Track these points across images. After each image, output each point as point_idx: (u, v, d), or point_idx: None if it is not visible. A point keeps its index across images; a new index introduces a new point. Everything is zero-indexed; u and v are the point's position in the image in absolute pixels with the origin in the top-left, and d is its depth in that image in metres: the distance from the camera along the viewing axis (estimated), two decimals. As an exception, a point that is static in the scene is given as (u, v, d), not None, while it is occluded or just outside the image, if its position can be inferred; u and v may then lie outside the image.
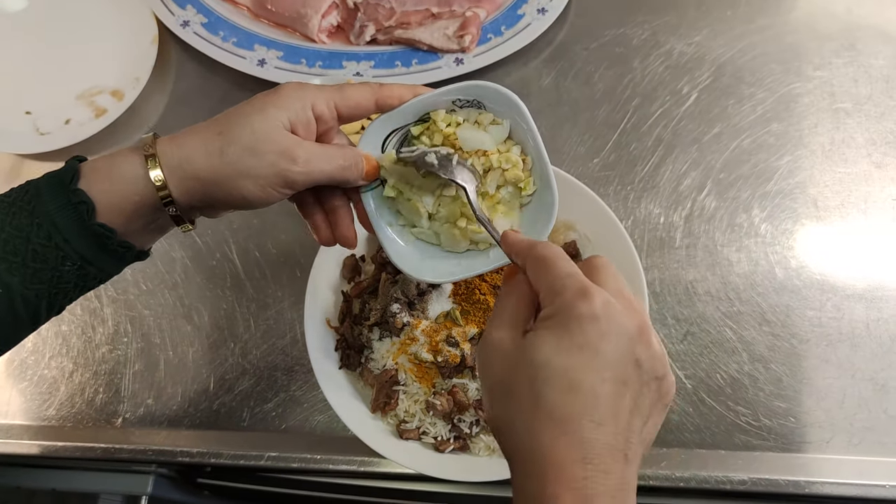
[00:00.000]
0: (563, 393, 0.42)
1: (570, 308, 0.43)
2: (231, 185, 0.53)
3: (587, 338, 0.42)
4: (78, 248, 0.51)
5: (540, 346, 0.43)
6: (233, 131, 0.52)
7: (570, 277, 0.44)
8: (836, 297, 0.82)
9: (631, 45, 0.96)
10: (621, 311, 0.43)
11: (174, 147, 0.52)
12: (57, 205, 0.50)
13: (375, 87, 0.56)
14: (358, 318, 0.76)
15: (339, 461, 0.78)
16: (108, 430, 0.82)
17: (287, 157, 0.52)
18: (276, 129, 0.52)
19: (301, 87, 0.54)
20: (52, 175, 0.52)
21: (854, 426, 0.77)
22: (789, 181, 0.87)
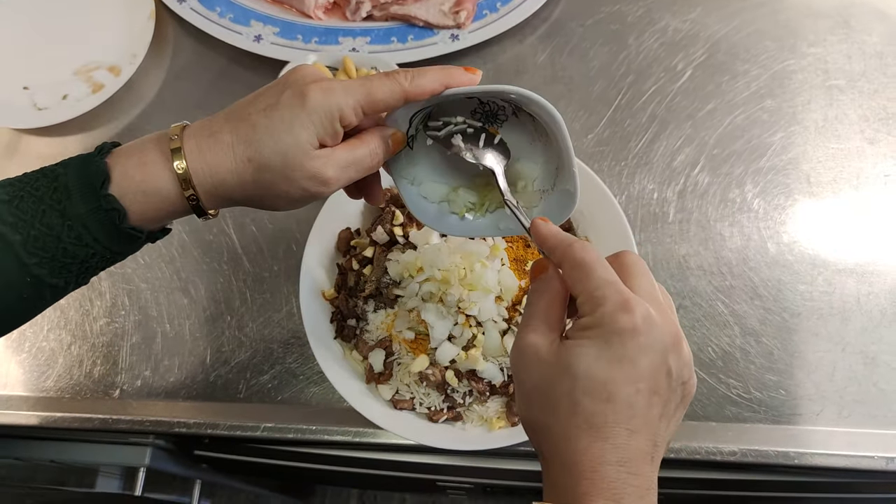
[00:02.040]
0: (601, 403, 0.43)
1: (612, 321, 0.44)
2: (263, 202, 0.54)
3: (627, 351, 0.43)
4: (108, 245, 0.52)
5: (581, 356, 0.44)
6: (263, 156, 0.51)
7: (610, 286, 0.45)
8: (827, 272, 0.82)
9: (626, 22, 0.97)
10: (659, 325, 0.44)
11: (205, 166, 0.51)
12: (88, 209, 0.50)
13: (404, 82, 0.52)
14: (353, 290, 0.77)
15: (335, 432, 0.79)
16: (105, 402, 0.83)
17: (318, 180, 0.52)
18: (304, 154, 0.51)
19: (327, 95, 0.51)
20: (81, 172, 0.51)
21: (844, 399, 0.77)
22: (782, 157, 0.88)
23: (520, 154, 0.59)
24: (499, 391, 0.72)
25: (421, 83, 0.52)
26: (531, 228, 0.52)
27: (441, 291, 0.69)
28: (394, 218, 0.77)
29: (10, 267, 0.49)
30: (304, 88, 0.51)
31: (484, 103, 0.57)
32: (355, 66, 0.90)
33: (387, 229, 0.76)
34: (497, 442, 0.71)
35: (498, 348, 0.71)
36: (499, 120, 0.58)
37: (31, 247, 0.49)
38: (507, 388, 0.72)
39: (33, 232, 0.49)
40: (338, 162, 0.53)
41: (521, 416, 0.49)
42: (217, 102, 0.97)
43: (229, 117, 0.53)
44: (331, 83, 0.52)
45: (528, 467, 0.81)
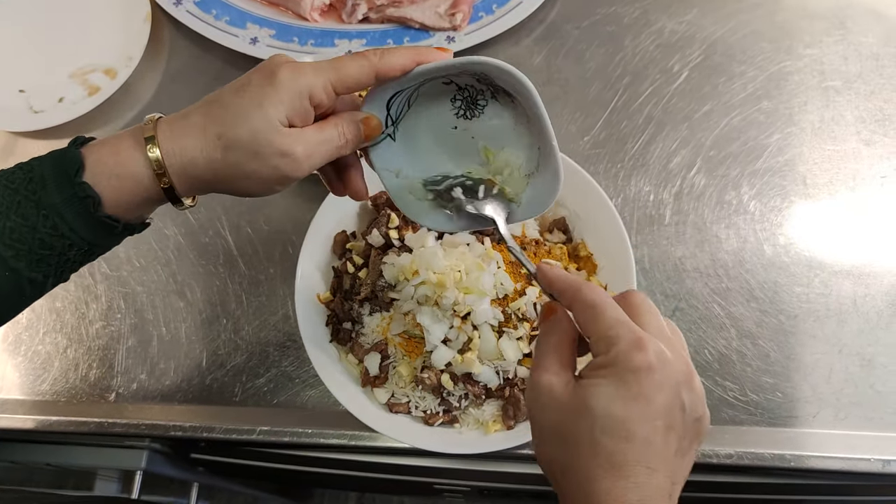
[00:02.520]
0: (620, 442, 0.44)
1: (626, 360, 0.45)
2: (234, 184, 0.54)
3: (642, 389, 0.44)
4: (85, 236, 0.52)
5: (598, 395, 0.45)
6: (232, 133, 0.51)
7: (622, 326, 0.46)
8: (823, 274, 0.82)
9: (622, 24, 0.97)
10: (672, 361, 0.45)
11: (176, 147, 0.52)
12: (63, 197, 0.50)
13: (373, 58, 0.53)
14: (348, 293, 0.77)
15: (330, 435, 0.79)
16: (101, 405, 0.83)
17: (287, 157, 0.52)
18: (274, 130, 0.51)
19: (296, 74, 0.51)
20: (55, 162, 0.51)
21: (841, 401, 0.77)
22: (778, 159, 0.88)
23: (504, 141, 0.58)
24: (494, 394, 0.72)
25: (391, 60, 0.52)
26: (538, 273, 0.53)
27: (436, 295, 0.69)
28: (389, 221, 0.77)
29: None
30: (274, 69, 0.51)
31: (462, 88, 0.56)
32: None
33: (382, 232, 0.76)
34: (493, 445, 0.71)
35: (494, 351, 0.70)
36: (479, 106, 0.57)
37: (6, 238, 0.50)
38: (502, 391, 0.72)
39: (9, 223, 0.49)
40: (307, 140, 0.53)
41: (539, 455, 0.50)
42: (213, 105, 0.96)
43: (203, 102, 0.53)
44: (301, 64, 0.52)
45: (524, 470, 0.80)
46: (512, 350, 0.70)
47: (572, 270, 0.77)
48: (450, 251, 0.72)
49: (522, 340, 0.71)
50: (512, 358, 0.70)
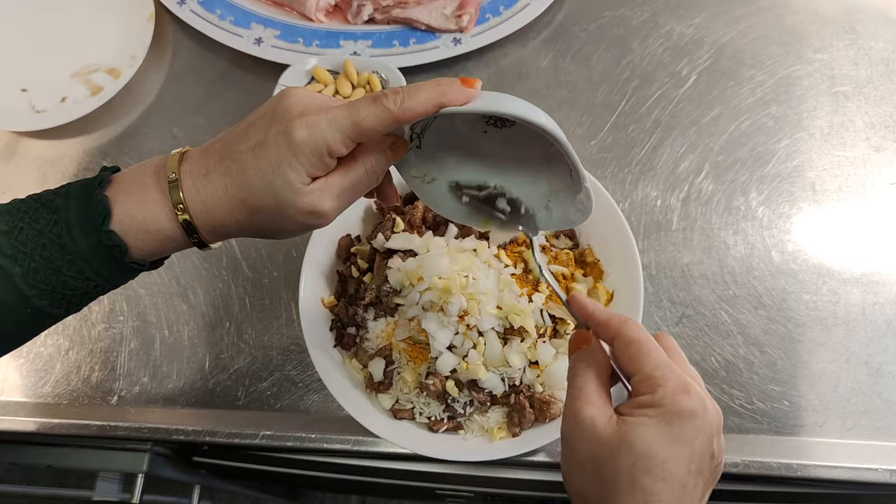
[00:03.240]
0: (658, 481, 0.45)
1: (672, 403, 0.46)
2: (265, 236, 0.54)
3: (684, 433, 0.45)
4: (109, 279, 0.52)
5: (643, 435, 0.46)
6: (255, 201, 0.50)
7: (667, 368, 0.47)
8: (832, 282, 0.81)
9: (630, 27, 0.96)
10: (710, 409, 0.47)
11: (204, 207, 0.51)
12: (89, 244, 0.50)
13: (392, 106, 0.49)
14: (353, 297, 0.76)
15: (334, 440, 0.78)
16: (103, 408, 0.82)
17: (314, 214, 0.51)
18: (297, 193, 0.50)
19: (312, 132, 0.49)
20: (81, 208, 0.50)
21: (848, 410, 0.77)
22: (787, 164, 0.87)
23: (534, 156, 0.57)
24: (499, 401, 0.72)
25: (411, 106, 0.49)
26: (570, 303, 0.54)
27: (442, 300, 0.68)
28: (394, 225, 0.76)
29: (10, 298, 0.49)
30: (288, 126, 0.49)
31: None
32: (356, 70, 0.90)
33: (387, 236, 0.75)
34: (498, 453, 0.70)
35: (499, 358, 0.70)
36: (508, 123, 0.56)
37: (31, 279, 0.49)
38: (507, 398, 0.71)
39: (33, 265, 0.49)
40: (333, 191, 0.52)
41: (570, 485, 0.50)
42: (217, 105, 0.96)
43: (222, 155, 0.51)
44: (316, 117, 0.50)
45: (529, 476, 0.80)
46: (517, 357, 0.70)
47: (579, 276, 0.76)
48: (455, 256, 0.71)
49: (530, 348, 0.70)
50: (517, 365, 0.70)
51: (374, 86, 0.90)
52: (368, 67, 0.90)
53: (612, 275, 0.76)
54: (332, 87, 0.90)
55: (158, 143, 0.95)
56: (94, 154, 0.96)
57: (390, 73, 0.90)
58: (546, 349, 0.71)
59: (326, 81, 0.91)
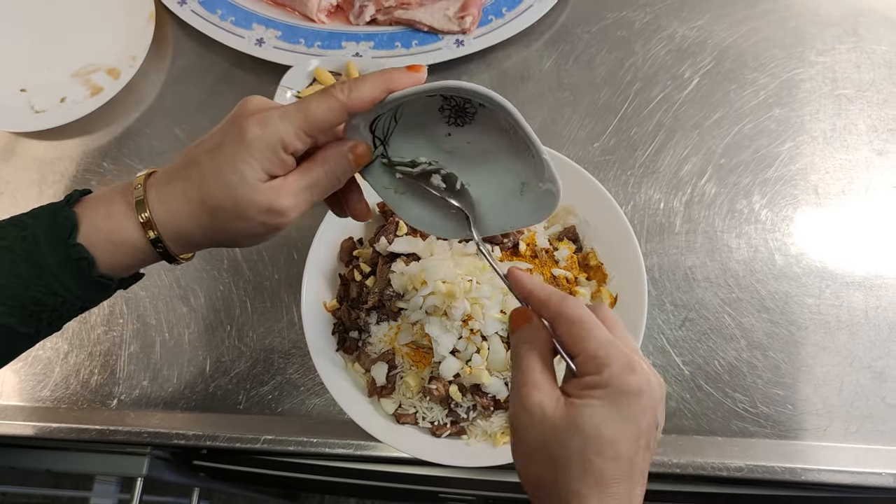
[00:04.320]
0: (610, 461, 0.46)
1: (619, 382, 0.46)
2: (229, 242, 0.54)
3: (633, 412, 0.46)
4: (78, 293, 0.52)
5: (591, 417, 0.46)
6: (213, 199, 0.51)
7: (612, 346, 0.47)
8: (835, 285, 0.81)
9: (633, 29, 0.95)
10: (655, 383, 0.47)
11: (167, 214, 0.52)
12: (57, 259, 0.50)
13: (341, 96, 0.51)
14: (355, 301, 0.76)
15: (336, 445, 0.78)
16: (103, 412, 0.82)
17: (273, 212, 0.51)
18: (253, 190, 0.50)
19: (264, 127, 0.50)
20: (50, 222, 0.51)
21: (852, 414, 0.77)
22: (790, 167, 0.87)
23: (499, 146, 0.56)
24: (503, 406, 0.71)
25: (359, 95, 0.50)
26: (509, 278, 0.54)
27: (445, 305, 0.68)
28: (397, 228, 0.75)
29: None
30: (242, 123, 0.50)
31: (447, 98, 0.54)
32: (359, 71, 0.89)
33: (390, 240, 0.75)
34: (501, 458, 0.70)
35: (503, 362, 0.69)
36: (468, 113, 0.55)
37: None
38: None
39: (1, 280, 0.49)
40: (291, 189, 0.52)
41: (522, 473, 0.50)
42: (217, 106, 0.95)
43: (184, 163, 0.52)
44: (268, 113, 0.50)
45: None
46: None
47: (582, 280, 0.76)
48: (459, 259, 0.71)
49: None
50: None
51: None
52: (371, 69, 0.90)
53: (615, 278, 0.75)
54: None
55: (158, 144, 0.94)
56: (94, 155, 0.95)
57: None
58: (550, 353, 0.70)
59: (328, 83, 0.90)
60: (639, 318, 0.71)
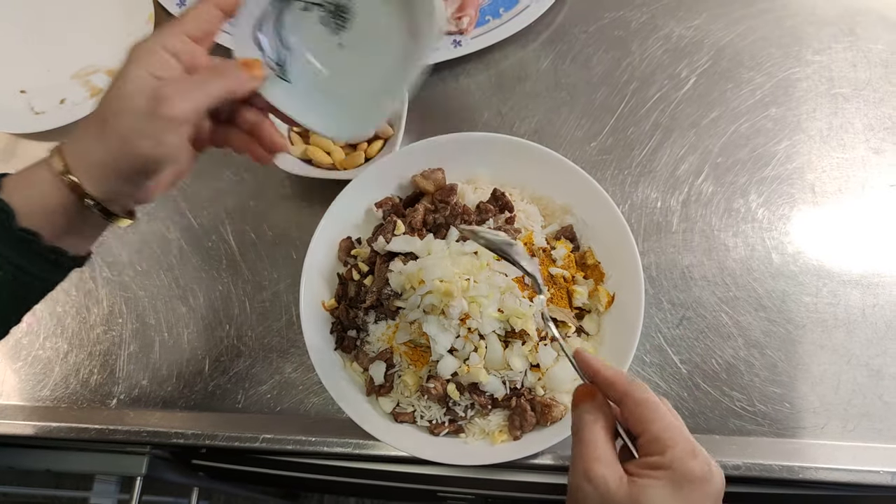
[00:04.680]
0: None
1: (682, 466, 0.47)
2: (129, 151, 0.53)
3: (694, 497, 0.47)
4: (5, 253, 0.53)
5: (653, 497, 0.47)
6: (107, 107, 0.53)
7: (676, 430, 0.49)
8: (832, 283, 0.82)
9: (630, 29, 0.96)
10: (717, 473, 0.48)
11: (74, 143, 0.54)
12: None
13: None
14: (354, 300, 0.76)
15: (334, 444, 0.78)
16: (102, 411, 0.82)
17: (158, 98, 0.52)
18: (138, 81, 0.52)
19: (147, 39, 0.54)
20: None
21: (849, 412, 0.77)
22: (787, 166, 0.87)
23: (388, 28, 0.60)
24: (501, 405, 0.71)
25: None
26: (577, 360, 0.55)
27: (443, 304, 0.68)
28: (395, 228, 0.76)
29: None
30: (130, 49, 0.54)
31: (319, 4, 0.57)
32: None
33: (388, 239, 0.75)
34: (499, 456, 0.70)
35: (500, 361, 0.70)
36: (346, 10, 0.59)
37: None
38: (509, 401, 0.71)
39: None
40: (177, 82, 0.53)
41: None
42: (216, 107, 0.95)
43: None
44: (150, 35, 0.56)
45: (530, 479, 0.80)
46: (519, 360, 0.70)
47: (580, 279, 0.76)
48: (457, 259, 0.71)
49: (531, 351, 0.70)
50: (519, 368, 0.70)
51: None
52: None
53: (613, 277, 0.76)
54: None
55: (157, 145, 0.94)
56: (93, 156, 0.95)
57: None
58: (547, 352, 0.71)
59: None
60: (636, 317, 0.71)
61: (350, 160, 0.86)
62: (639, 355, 0.79)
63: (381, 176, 0.80)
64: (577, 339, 0.74)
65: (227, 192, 0.91)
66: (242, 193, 0.90)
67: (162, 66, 0.53)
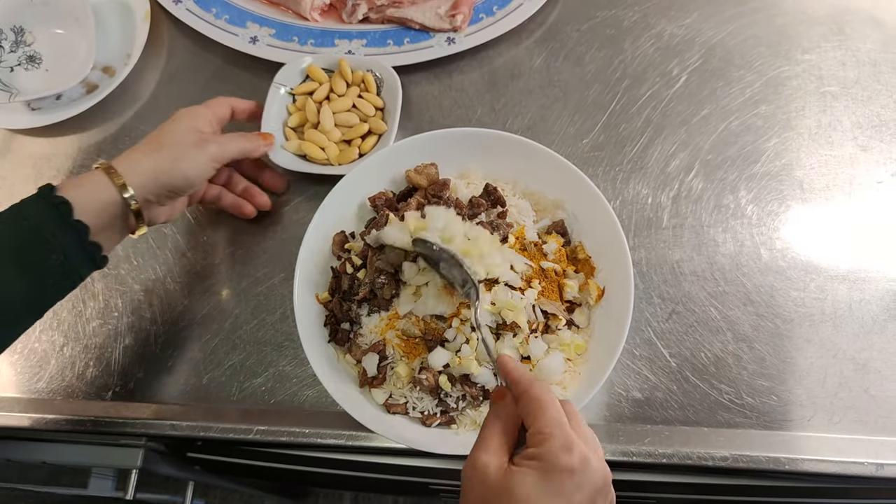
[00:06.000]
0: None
1: (554, 457, 0.50)
2: (175, 168, 0.74)
3: (564, 487, 0.50)
4: (61, 240, 0.66)
5: (522, 483, 0.50)
6: (163, 138, 0.75)
7: (558, 426, 0.52)
8: (819, 278, 0.83)
9: (622, 27, 0.97)
10: (594, 468, 0.51)
11: (124, 159, 0.72)
12: (40, 206, 0.66)
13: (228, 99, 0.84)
14: (347, 293, 0.77)
15: (328, 435, 0.79)
16: (98, 404, 0.83)
17: (204, 141, 0.76)
18: (190, 128, 0.77)
19: (191, 108, 0.80)
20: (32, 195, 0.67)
21: (835, 405, 0.78)
22: (776, 163, 0.88)
23: None
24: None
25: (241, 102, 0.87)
26: (497, 362, 0.59)
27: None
28: (388, 221, 0.77)
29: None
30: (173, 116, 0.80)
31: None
32: (351, 68, 0.91)
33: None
34: (490, 447, 0.70)
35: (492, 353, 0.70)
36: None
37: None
38: (500, 392, 0.72)
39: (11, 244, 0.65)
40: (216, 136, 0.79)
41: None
42: (212, 103, 0.96)
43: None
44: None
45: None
46: (510, 352, 0.71)
47: (570, 273, 0.77)
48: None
49: (522, 343, 0.71)
50: (510, 360, 0.70)
51: (369, 84, 0.91)
52: (363, 66, 0.91)
53: (603, 271, 0.77)
54: (327, 85, 0.91)
55: (153, 141, 0.95)
56: (89, 151, 0.96)
57: (384, 72, 0.90)
58: (538, 344, 0.72)
59: (321, 80, 0.91)
60: (626, 311, 0.72)
61: (344, 155, 0.87)
62: (629, 348, 0.80)
63: (374, 171, 0.81)
64: (568, 331, 0.74)
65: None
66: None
67: (204, 124, 0.79)
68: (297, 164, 0.88)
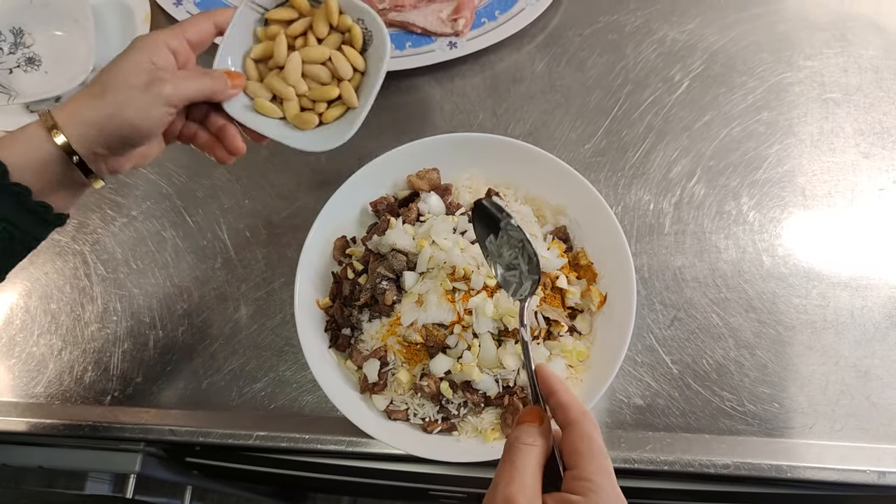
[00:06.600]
0: None
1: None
2: (119, 116, 0.60)
3: None
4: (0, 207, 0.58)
5: None
6: (108, 79, 0.61)
7: (607, 477, 0.47)
8: (821, 285, 0.82)
9: (624, 32, 0.97)
10: None
11: (66, 107, 0.61)
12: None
13: (210, 13, 0.68)
14: (348, 299, 0.76)
15: (328, 441, 0.78)
16: (96, 409, 0.82)
17: (156, 80, 0.61)
18: (139, 63, 0.62)
19: (152, 33, 0.64)
20: None
21: (837, 412, 0.78)
22: (778, 170, 0.88)
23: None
24: (493, 403, 0.72)
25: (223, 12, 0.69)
26: (537, 372, 0.54)
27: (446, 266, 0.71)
28: (389, 226, 0.76)
29: None
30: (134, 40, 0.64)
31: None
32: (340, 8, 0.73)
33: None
34: (491, 454, 0.70)
35: (493, 360, 0.70)
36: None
37: None
38: (501, 399, 0.72)
39: None
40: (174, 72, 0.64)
41: None
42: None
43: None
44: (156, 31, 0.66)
45: (521, 478, 0.80)
46: (512, 358, 0.70)
47: (573, 279, 0.77)
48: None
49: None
50: (511, 366, 0.70)
51: (355, 37, 0.73)
52: (354, 12, 0.73)
53: (605, 277, 0.76)
54: (308, 21, 0.73)
55: (153, 144, 0.95)
56: (89, 154, 0.96)
57: (375, 27, 0.73)
58: (540, 351, 0.71)
59: (304, 9, 0.74)
60: (628, 317, 0.72)
61: (301, 118, 0.73)
62: (631, 355, 0.80)
63: (376, 175, 0.80)
64: (570, 338, 0.74)
65: (222, 190, 0.91)
66: (237, 192, 0.91)
67: (161, 57, 0.63)
68: (246, 116, 0.72)
